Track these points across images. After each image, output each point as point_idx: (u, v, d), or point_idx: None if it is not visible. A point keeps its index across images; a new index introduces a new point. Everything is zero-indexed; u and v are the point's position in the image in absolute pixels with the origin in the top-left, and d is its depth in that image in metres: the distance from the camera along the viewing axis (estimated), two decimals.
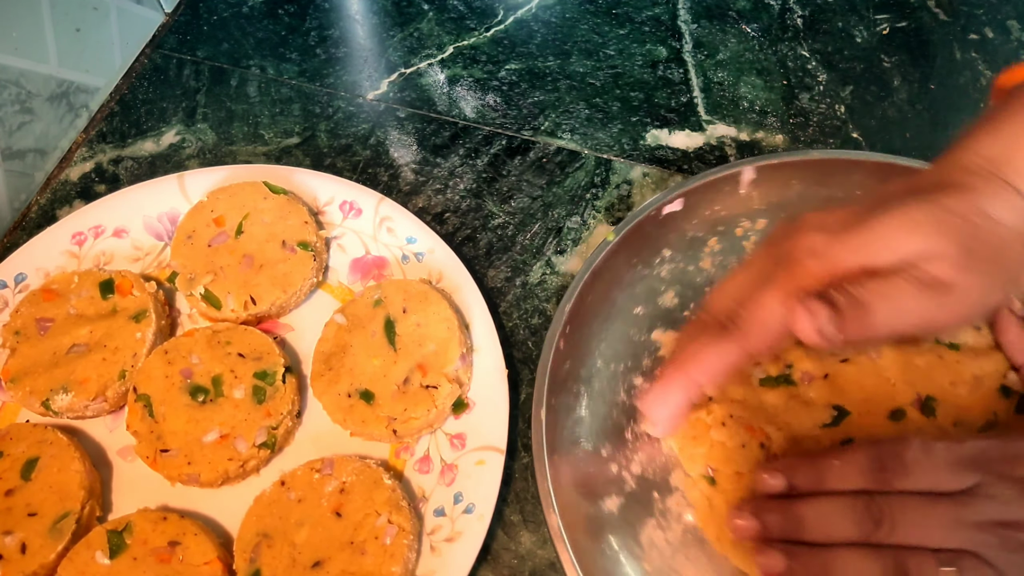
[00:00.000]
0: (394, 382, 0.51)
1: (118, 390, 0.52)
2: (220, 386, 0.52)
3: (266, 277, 0.56)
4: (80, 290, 0.55)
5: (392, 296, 0.54)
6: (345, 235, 0.60)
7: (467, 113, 0.68)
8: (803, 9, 0.72)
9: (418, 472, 0.51)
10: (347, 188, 0.61)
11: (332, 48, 0.73)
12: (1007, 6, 0.70)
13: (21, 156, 0.64)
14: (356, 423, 0.51)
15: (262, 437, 0.50)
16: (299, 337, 0.57)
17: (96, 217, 0.60)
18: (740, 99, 0.67)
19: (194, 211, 0.59)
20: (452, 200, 0.64)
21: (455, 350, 0.52)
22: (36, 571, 0.47)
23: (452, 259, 0.57)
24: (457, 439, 0.51)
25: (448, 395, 0.51)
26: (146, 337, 0.54)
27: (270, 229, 0.57)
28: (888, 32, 0.70)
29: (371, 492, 0.48)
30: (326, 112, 0.69)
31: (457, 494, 0.49)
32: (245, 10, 0.76)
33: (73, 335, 0.54)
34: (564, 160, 0.65)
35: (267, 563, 0.46)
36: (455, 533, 0.48)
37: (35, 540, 0.47)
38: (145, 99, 0.71)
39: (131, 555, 0.47)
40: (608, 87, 0.69)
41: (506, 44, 0.72)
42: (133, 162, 0.67)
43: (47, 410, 0.52)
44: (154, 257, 0.60)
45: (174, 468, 0.50)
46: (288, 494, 0.49)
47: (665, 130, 0.66)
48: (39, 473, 0.49)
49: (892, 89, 0.67)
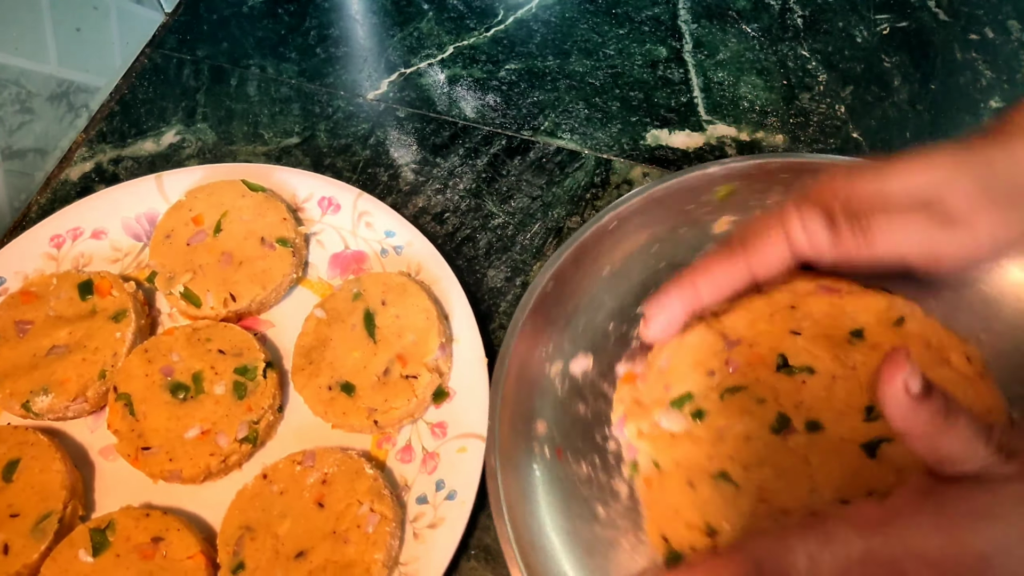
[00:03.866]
0: (374, 373, 0.52)
1: (98, 390, 0.53)
2: (201, 383, 0.52)
3: (245, 274, 0.56)
4: (59, 292, 0.55)
5: (371, 289, 0.55)
6: (324, 231, 0.60)
7: (467, 113, 0.68)
8: (803, 9, 0.72)
9: (400, 462, 0.51)
10: (325, 184, 0.61)
11: (332, 48, 0.73)
12: (1007, 6, 0.70)
13: (21, 156, 0.64)
14: (337, 415, 0.51)
15: (243, 432, 0.51)
16: (280, 333, 0.57)
17: (74, 219, 0.60)
18: (740, 99, 0.67)
19: (172, 210, 0.59)
20: (452, 200, 0.64)
21: (434, 340, 0.52)
22: (19, 571, 0.47)
23: (431, 251, 0.57)
24: (438, 428, 0.52)
25: (428, 384, 0.51)
26: (126, 337, 0.54)
27: (249, 226, 0.58)
28: (888, 32, 0.70)
29: (353, 482, 0.48)
30: (326, 112, 0.69)
31: (439, 481, 0.49)
32: (245, 10, 0.76)
33: (52, 336, 0.54)
34: (564, 160, 0.65)
35: (250, 555, 0.46)
36: (438, 519, 0.48)
37: (17, 541, 0.47)
38: (145, 99, 0.71)
39: (114, 552, 0.47)
40: (608, 87, 0.69)
41: (506, 44, 0.72)
42: (133, 162, 0.67)
43: (27, 412, 0.52)
44: (133, 258, 0.60)
45: (156, 465, 0.50)
46: (270, 487, 0.49)
47: (665, 130, 0.66)
48: (20, 474, 0.49)
49: (892, 89, 0.67)
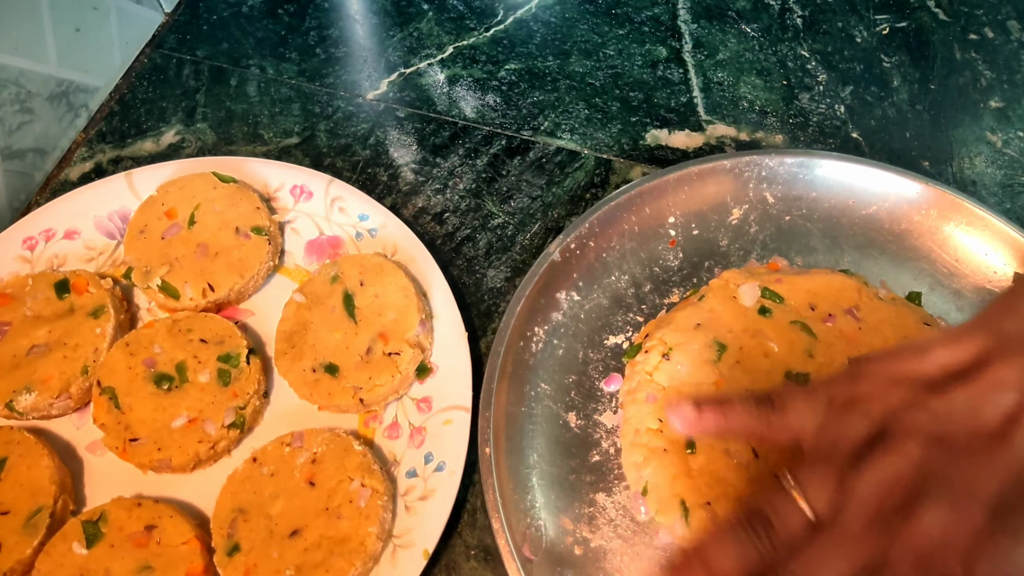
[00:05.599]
0: (357, 353, 0.52)
1: (82, 386, 0.53)
2: (184, 372, 0.52)
3: (222, 264, 0.56)
4: (35, 292, 0.55)
5: (348, 271, 0.55)
6: (298, 218, 0.61)
7: (467, 113, 0.68)
8: (803, 9, 0.73)
9: (388, 439, 0.52)
10: (296, 173, 0.61)
11: (332, 48, 0.73)
12: (1007, 6, 0.71)
13: (21, 156, 0.64)
14: (323, 396, 0.52)
15: (230, 418, 0.51)
16: (260, 321, 0.58)
17: (46, 221, 0.60)
18: (740, 99, 0.68)
19: (145, 206, 0.59)
20: (452, 200, 0.64)
21: (414, 316, 0.53)
22: (13, 567, 0.47)
23: (405, 232, 0.58)
24: (423, 403, 0.53)
25: (411, 360, 0.52)
26: (106, 332, 0.54)
27: (222, 217, 0.58)
28: (888, 32, 0.70)
29: (342, 459, 0.49)
30: (326, 112, 0.69)
31: (427, 454, 0.50)
32: (245, 10, 0.76)
33: (32, 336, 0.54)
34: (564, 160, 0.65)
35: (245, 536, 0.47)
36: (428, 491, 0.49)
37: (10, 537, 0.47)
38: (145, 99, 0.71)
39: (108, 543, 0.47)
40: (608, 87, 0.69)
41: (506, 44, 0.72)
42: (133, 162, 0.67)
43: (11, 412, 0.52)
44: (108, 256, 0.60)
45: (144, 456, 0.50)
46: (260, 469, 0.49)
47: (665, 130, 0.67)
48: (8, 472, 0.49)
49: (892, 89, 0.68)
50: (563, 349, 0.54)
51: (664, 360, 0.51)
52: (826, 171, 0.58)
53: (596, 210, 0.57)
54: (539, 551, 0.47)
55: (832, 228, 0.58)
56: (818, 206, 0.58)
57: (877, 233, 0.57)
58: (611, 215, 0.57)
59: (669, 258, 0.58)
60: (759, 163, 0.58)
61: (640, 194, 0.58)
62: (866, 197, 0.58)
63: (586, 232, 0.56)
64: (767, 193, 0.59)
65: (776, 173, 0.58)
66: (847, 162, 0.58)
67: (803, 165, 0.58)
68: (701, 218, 0.59)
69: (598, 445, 0.52)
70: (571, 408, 0.53)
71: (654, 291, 0.57)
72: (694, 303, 0.53)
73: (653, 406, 0.50)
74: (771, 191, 0.59)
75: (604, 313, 0.56)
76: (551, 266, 0.55)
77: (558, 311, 0.55)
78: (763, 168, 0.58)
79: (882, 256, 0.57)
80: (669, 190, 0.58)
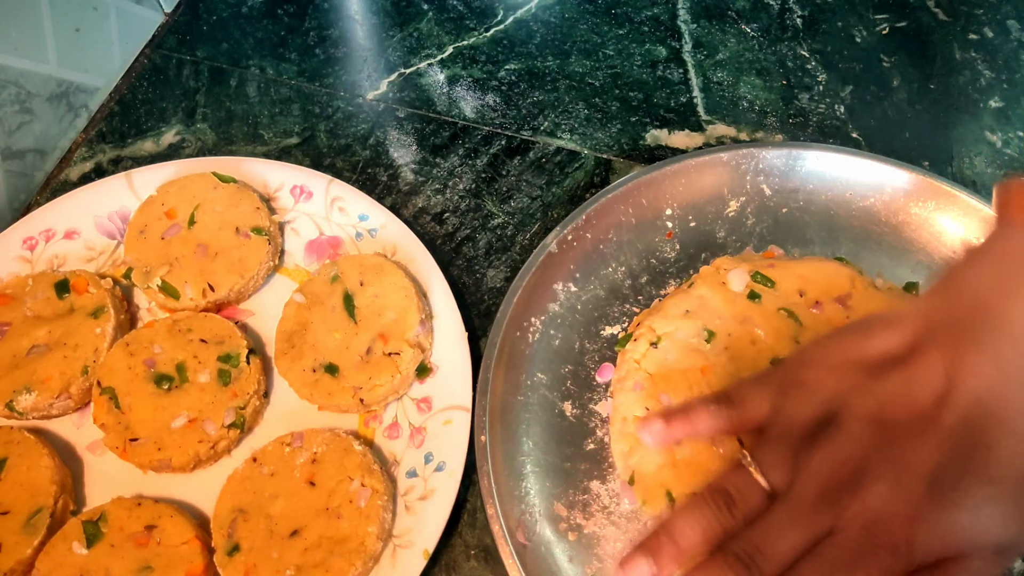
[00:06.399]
0: (357, 353, 0.52)
1: (82, 386, 0.53)
2: (184, 372, 0.52)
3: (222, 264, 0.56)
4: (35, 292, 0.55)
5: (348, 271, 0.55)
6: (298, 218, 0.61)
7: (467, 113, 0.68)
8: (803, 9, 0.72)
9: (388, 439, 0.52)
10: (296, 173, 0.61)
11: (331, 48, 0.73)
12: (1007, 6, 0.71)
13: (21, 156, 0.64)
14: (323, 396, 0.52)
15: (231, 418, 0.51)
16: (260, 321, 0.58)
17: (46, 221, 0.60)
18: (740, 99, 0.68)
19: (145, 206, 0.59)
20: (452, 200, 0.64)
21: (414, 316, 0.53)
22: (13, 567, 0.47)
23: (405, 232, 0.58)
24: (423, 403, 0.53)
25: (410, 360, 0.52)
26: (106, 332, 0.54)
27: (222, 217, 0.58)
28: (888, 32, 0.70)
29: (342, 459, 0.49)
30: (325, 112, 0.69)
31: (427, 454, 0.50)
32: (244, 10, 0.76)
33: (32, 336, 0.54)
34: (563, 160, 0.65)
35: (245, 536, 0.47)
36: (428, 491, 0.49)
37: (10, 538, 0.47)
38: (145, 99, 0.71)
39: (108, 543, 0.47)
40: (607, 87, 0.69)
41: (505, 44, 0.72)
42: (133, 162, 0.67)
43: (11, 412, 0.52)
44: (108, 256, 0.60)
45: (145, 456, 0.50)
46: (260, 469, 0.49)
47: (664, 130, 0.67)
48: (8, 472, 0.49)
49: (892, 89, 0.67)
50: (560, 339, 0.55)
51: (652, 348, 0.51)
52: (822, 163, 0.58)
53: (593, 202, 0.56)
54: (533, 536, 0.47)
55: (829, 220, 0.58)
56: (815, 198, 0.58)
57: (874, 225, 0.57)
58: (608, 207, 0.57)
59: (666, 250, 0.58)
60: (756, 155, 0.58)
61: (637, 186, 0.58)
62: (862, 189, 0.58)
63: (583, 224, 0.56)
64: (764, 185, 0.59)
65: (773, 165, 0.58)
66: (843, 154, 0.58)
67: (799, 157, 0.58)
68: (698, 210, 0.59)
69: (593, 434, 0.52)
70: (567, 397, 0.53)
71: (651, 282, 0.57)
72: (684, 290, 0.54)
73: (640, 394, 0.50)
74: (768, 183, 0.59)
75: (601, 304, 0.56)
76: (548, 257, 0.55)
77: (555, 302, 0.55)
78: (760, 160, 0.58)
79: (879, 248, 0.57)
80: (666, 182, 0.58)
